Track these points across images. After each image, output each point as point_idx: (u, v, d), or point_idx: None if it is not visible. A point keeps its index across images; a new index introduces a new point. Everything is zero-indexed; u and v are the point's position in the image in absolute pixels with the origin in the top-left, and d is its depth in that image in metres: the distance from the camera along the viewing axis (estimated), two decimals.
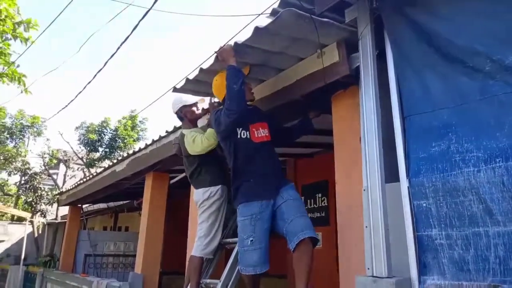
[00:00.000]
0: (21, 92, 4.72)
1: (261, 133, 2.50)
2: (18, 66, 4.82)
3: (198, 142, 2.77)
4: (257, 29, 2.11)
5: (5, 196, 16.27)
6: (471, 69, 1.79)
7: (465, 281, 1.62)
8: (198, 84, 2.80)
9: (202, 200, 2.84)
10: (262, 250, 2.25)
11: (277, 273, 2.29)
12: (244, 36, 2.24)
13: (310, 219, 2.30)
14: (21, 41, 4.82)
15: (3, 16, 4.37)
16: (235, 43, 2.26)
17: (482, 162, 1.66)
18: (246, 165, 2.42)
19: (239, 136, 2.43)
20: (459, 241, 1.68)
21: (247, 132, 2.45)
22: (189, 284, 2.79)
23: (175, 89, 2.89)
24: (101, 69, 7.29)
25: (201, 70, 2.59)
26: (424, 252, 1.77)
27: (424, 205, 1.80)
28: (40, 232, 12.27)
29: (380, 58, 2.18)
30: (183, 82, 2.76)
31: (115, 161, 6.24)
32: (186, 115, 3.09)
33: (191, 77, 2.70)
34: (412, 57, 2.01)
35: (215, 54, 2.43)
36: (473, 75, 1.78)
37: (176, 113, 3.10)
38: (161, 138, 4.45)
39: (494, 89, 1.69)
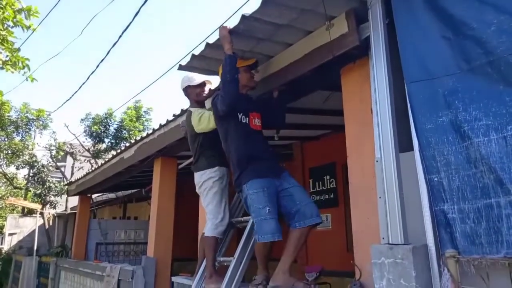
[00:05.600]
0: (26, 79, 4.70)
1: (256, 122, 2.66)
2: (19, 50, 4.76)
3: (205, 118, 2.76)
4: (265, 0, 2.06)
5: (15, 190, 16.48)
6: (476, 31, 1.69)
7: (477, 255, 1.57)
8: (204, 60, 2.74)
9: (202, 182, 2.85)
10: (277, 220, 2.35)
11: None
12: (250, 9, 2.20)
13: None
14: (22, 28, 4.80)
15: (4, 3, 4.34)
16: (242, 16, 2.22)
17: (493, 130, 1.59)
18: (247, 149, 2.53)
19: (239, 120, 2.56)
20: (471, 214, 1.62)
21: (247, 118, 2.60)
22: (205, 262, 2.81)
23: (180, 67, 2.80)
24: (103, 59, 7.25)
25: (207, 45, 2.54)
26: (437, 227, 1.72)
27: (436, 179, 1.73)
28: (50, 223, 12.43)
29: (391, 27, 2.14)
30: (189, 58, 2.71)
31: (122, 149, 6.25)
32: (190, 95, 3.05)
33: (196, 53, 2.65)
34: (414, 21, 1.93)
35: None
36: (478, 36, 1.68)
37: (183, 91, 3.07)
38: (168, 122, 4.42)
39: (501, 50, 1.60)
